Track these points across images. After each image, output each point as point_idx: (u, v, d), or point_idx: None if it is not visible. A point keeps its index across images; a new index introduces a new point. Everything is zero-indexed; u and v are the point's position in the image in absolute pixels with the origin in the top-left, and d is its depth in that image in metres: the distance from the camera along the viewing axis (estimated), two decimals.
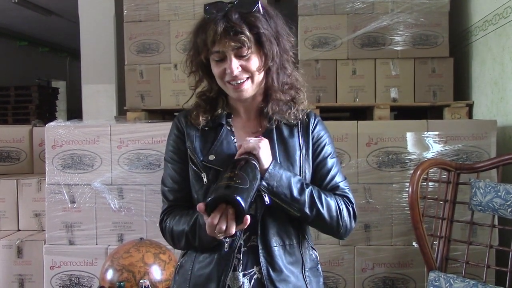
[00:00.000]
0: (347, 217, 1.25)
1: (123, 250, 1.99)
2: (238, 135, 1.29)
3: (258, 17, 1.18)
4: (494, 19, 2.57)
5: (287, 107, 1.27)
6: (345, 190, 1.29)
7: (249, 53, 1.18)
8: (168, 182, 1.31)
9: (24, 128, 3.28)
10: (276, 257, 1.22)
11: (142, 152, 2.49)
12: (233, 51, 1.17)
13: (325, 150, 1.30)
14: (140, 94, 3.03)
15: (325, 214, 1.21)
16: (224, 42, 1.16)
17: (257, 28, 1.17)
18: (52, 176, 2.52)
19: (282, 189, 1.17)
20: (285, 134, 1.27)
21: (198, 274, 1.24)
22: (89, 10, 4.15)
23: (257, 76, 1.21)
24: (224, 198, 1.04)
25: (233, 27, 1.15)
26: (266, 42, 1.18)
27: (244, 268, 1.22)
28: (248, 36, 1.16)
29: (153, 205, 2.48)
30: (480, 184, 1.92)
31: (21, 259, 2.68)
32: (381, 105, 2.81)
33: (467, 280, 1.85)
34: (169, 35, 2.99)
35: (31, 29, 8.22)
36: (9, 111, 6.84)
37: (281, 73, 1.25)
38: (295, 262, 1.25)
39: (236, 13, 1.17)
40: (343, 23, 2.87)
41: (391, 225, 2.41)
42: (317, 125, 1.32)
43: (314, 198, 1.20)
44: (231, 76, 1.19)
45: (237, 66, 1.18)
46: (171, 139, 1.34)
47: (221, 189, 1.05)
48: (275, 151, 1.24)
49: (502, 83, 2.51)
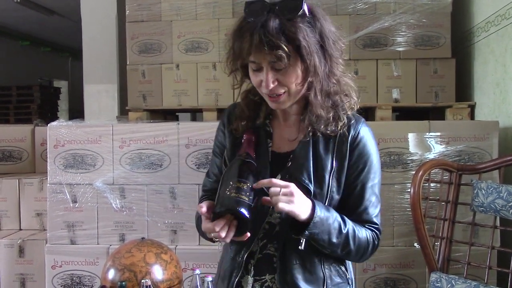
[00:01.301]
0: (370, 251, 1.23)
1: (124, 250, 1.99)
2: (275, 138, 1.26)
3: (299, 26, 1.08)
4: (497, 20, 2.57)
5: (327, 113, 1.18)
6: (377, 225, 1.24)
7: (286, 67, 1.10)
8: (210, 173, 1.37)
9: (26, 127, 3.28)
10: (292, 274, 1.18)
11: (144, 152, 2.49)
12: (269, 64, 1.10)
13: (364, 175, 1.21)
14: (142, 94, 3.03)
15: (353, 252, 1.19)
16: (260, 55, 1.09)
17: (297, 40, 1.07)
18: (54, 175, 2.52)
19: (322, 235, 1.13)
20: (320, 148, 1.19)
21: (224, 269, 1.29)
22: (91, 10, 4.15)
23: (294, 89, 1.14)
24: (234, 213, 1.07)
25: (270, 41, 1.06)
26: (307, 55, 1.09)
27: (256, 274, 1.21)
28: (286, 50, 1.06)
29: (155, 205, 2.48)
30: (482, 185, 1.91)
31: (23, 258, 2.68)
32: (383, 106, 2.81)
33: (468, 281, 1.85)
34: (171, 35, 2.99)
35: (33, 29, 8.23)
36: (11, 111, 6.84)
37: (325, 82, 1.17)
38: (315, 281, 1.20)
39: (275, 20, 1.07)
40: (345, 24, 2.86)
41: (393, 226, 2.41)
42: (360, 142, 1.21)
43: (349, 239, 1.16)
44: (267, 89, 1.13)
45: (273, 79, 1.11)
46: (217, 132, 1.35)
47: (232, 202, 1.06)
48: (309, 168, 1.18)
49: (504, 84, 2.51)
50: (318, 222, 1.10)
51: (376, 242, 1.23)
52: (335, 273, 1.24)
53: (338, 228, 1.14)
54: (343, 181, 1.20)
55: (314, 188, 1.17)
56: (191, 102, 2.99)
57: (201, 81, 2.98)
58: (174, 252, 2.16)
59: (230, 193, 1.07)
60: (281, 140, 1.25)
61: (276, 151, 1.24)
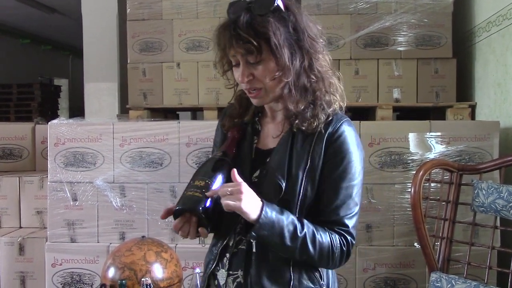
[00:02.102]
0: (338, 258, 1.15)
1: (124, 248, 1.99)
2: (262, 135, 1.27)
3: (270, 21, 1.10)
4: (498, 20, 2.57)
5: (306, 112, 1.17)
6: (347, 228, 1.16)
7: (258, 60, 1.12)
8: None
9: (26, 125, 3.28)
10: (257, 269, 1.17)
11: (144, 150, 2.49)
12: (242, 57, 1.13)
13: (339, 173, 1.16)
14: (142, 92, 3.03)
15: (315, 257, 1.13)
16: (233, 49, 1.13)
17: (266, 34, 1.10)
18: (54, 173, 2.52)
19: (273, 237, 1.09)
20: (298, 145, 1.17)
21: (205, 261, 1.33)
22: (92, 8, 4.15)
23: (269, 85, 1.15)
24: (188, 211, 1.12)
25: (237, 34, 1.10)
26: (277, 49, 1.10)
27: (229, 268, 1.22)
28: (254, 43, 1.09)
29: (155, 204, 2.48)
30: (483, 185, 1.91)
31: (23, 256, 2.69)
32: (383, 106, 2.81)
33: (468, 281, 1.85)
34: (172, 33, 2.98)
35: (34, 27, 8.23)
36: (11, 109, 6.84)
37: (303, 76, 1.16)
38: (279, 280, 1.17)
39: (247, 16, 1.11)
40: (346, 23, 2.86)
41: (393, 226, 2.41)
42: (337, 139, 1.16)
43: (307, 244, 1.11)
44: (242, 83, 1.17)
45: (248, 73, 1.14)
46: (216, 132, 1.39)
47: (185, 200, 1.11)
48: (284, 163, 1.16)
49: (505, 84, 2.51)
50: (266, 223, 1.07)
51: (345, 248, 1.15)
52: (305, 277, 1.18)
53: (292, 231, 1.09)
54: (317, 179, 1.16)
55: (286, 185, 1.15)
56: (192, 100, 3.00)
57: (202, 80, 2.98)
58: (174, 250, 2.16)
59: (186, 191, 1.12)
60: (267, 137, 1.26)
61: (261, 148, 1.25)
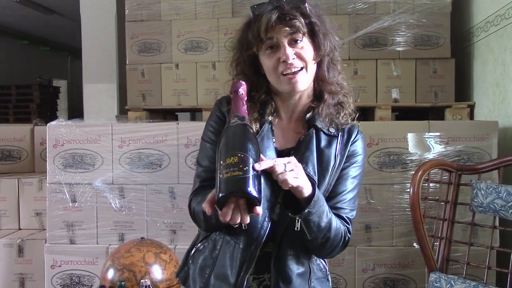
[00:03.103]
0: (340, 246, 1.22)
1: (124, 250, 1.99)
2: (278, 135, 1.26)
3: (310, 9, 1.19)
4: (496, 20, 2.57)
5: (335, 111, 1.24)
6: (349, 218, 1.24)
7: (303, 40, 1.17)
8: (203, 161, 1.26)
9: (25, 127, 3.28)
10: (287, 267, 1.20)
11: (143, 151, 2.49)
12: (287, 38, 1.16)
13: (351, 170, 1.26)
14: (141, 93, 3.03)
15: (330, 241, 1.18)
16: (279, 28, 1.15)
17: (310, 17, 1.17)
18: (53, 175, 2.52)
19: (315, 216, 1.11)
20: (322, 143, 1.22)
21: (221, 264, 1.21)
22: (90, 9, 4.15)
23: (311, 67, 1.19)
24: (235, 194, 0.98)
25: (287, 15, 1.14)
26: (320, 32, 1.18)
27: (254, 272, 1.21)
28: (302, 22, 1.15)
29: (154, 205, 2.48)
30: (481, 185, 1.91)
31: (22, 258, 2.68)
32: (382, 106, 2.81)
33: (468, 281, 1.85)
34: (171, 34, 2.99)
35: (33, 28, 8.23)
36: (10, 110, 6.85)
37: (331, 70, 1.24)
38: (303, 273, 1.23)
39: (288, 4, 1.17)
40: (345, 24, 2.86)
41: (392, 226, 2.41)
42: (357, 141, 1.28)
43: (331, 226, 1.16)
44: (286, 64, 1.16)
45: (292, 52, 1.16)
46: (211, 120, 1.28)
47: (227, 185, 0.98)
48: (314, 160, 1.19)
49: (503, 84, 2.51)
50: (317, 200, 1.10)
51: (347, 238, 1.22)
52: (317, 267, 1.27)
53: (326, 211, 1.14)
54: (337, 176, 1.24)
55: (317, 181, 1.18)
56: (191, 101, 2.99)
57: (201, 81, 2.98)
58: (174, 252, 2.16)
59: (223, 175, 0.99)
60: (283, 137, 1.26)
61: (278, 148, 1.24)
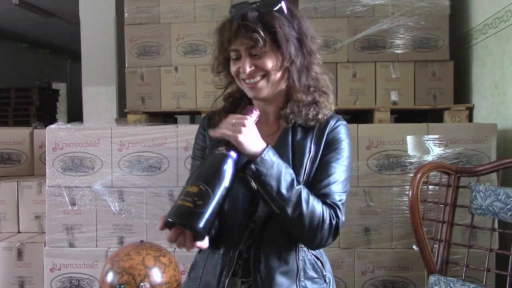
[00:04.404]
0: (326, 230, 1.14)
1: (123, 253, 1.99)
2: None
3: (277, 16, 1.17)
4: (494, 23, 2.58)
5: (307, 108, 1.23)
6: (336, 202, 1.17)
7: (262, 52, 1.17)
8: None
9: (24, 130, 3.28)
10: (267, 266, 1.18)
11: (142, 154, 2.49)
12: (246, 50, 1.17)
13: (332, 154, 1.21)
14: (140, 96, 3.03)
15: (306, 219, 1.11)
16: (240, 40, 1.17)
17: (273, 27, 1.16)
18: (53, 178, 2.52)
19: (270, 179, 1.08)
20: (298, 136, 1.22)
21: (206, 272, 1.24)
22: (90, 12, 4.16)
23: (272, 76, 1.20)
24: (176, 223, 1.00)
25: (246, 25, 1.15)
26: (283, 41, 1.16)
27: (243, 275, 1.21)
28: (262, 35, 1.15)
29: (154, 208, 2.48)
30: (480, 188, 1.92)
31: (21, 261, 2.68)
32: (381, 108, 2.82)
33: (467, 284, 1.85)
34: (170, 37, 2.99)
35: (32, 31, 8.24)
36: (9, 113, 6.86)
37: (304, 75, 1.23)
38: (288, 272, 1.19)
39: (254, 12, 1.17)
40: (344, 26, 2.87)
41: (391, 228, 2.41)
42: (335, 128, 1.24)
43: (301, 200, 1.10)
44: (244, 74, 1.19)
45: (250, 64, 1.18)
46: (197, 138, 1.35)
47: (177, 211, 0.99)
48: (288, 153, 1.20)
49: (502, 86, 2.51)
50: (267, 161, 1.08)
51: (333, 222, 1.15)
52: (309, 267, 1.22)
53: (290, 181, 1.10)
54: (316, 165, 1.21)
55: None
56: (190, 104, 3.00)
57: (200, 84, 2.99)
58: (173, 255, 2.15)
59: (178, 200, 1.00)
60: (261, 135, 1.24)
61: None
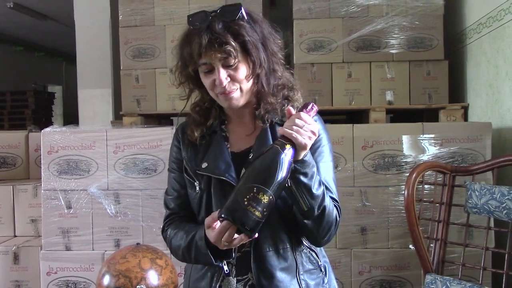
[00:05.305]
0: (335, 226, 1.19)
1: (119, 256, 1.99)
2: (232, 139, 1.29)
3: (242, 24, 1.17)
4: (488, 22, 2.58)
5: (280, 105, 1.25)
6: (336, 199, 1.23)
7: (236, 63, 1.16)
8: (169, 191, 1.35)
9: (20, 133, 3.26)
10: (267, 263, 1.19)
11: (138, 157, 2.49)
12: (220, 62, 1.16)
13: (316, 154, 1.22)
14: (136, 98, 3.03)
15: (326, 217, 1.15)
16: (210, 54, 1.15)
17: (242, 36, 1.15)
18: (48, 181, 2.51)
19: (310, 178, 1.11)
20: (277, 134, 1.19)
21: (194, 279, 1.27)
22: (84, 15, 4.15)
23: (245, 85, 1.20)
24: (241, 228, 1.02)
25: (217, 38, 1.13)
26: (253, 49, 1.17)
27: (238, 274, 1.21)
28: (234, 45, 1.14)
29: (150, 210, 2.48)
30: (476, 187, 1.92)
31: (18, 265, 2.67)
32: (376, 108, 2.82)
33: (463, 282, 1.86)
34: (165, 39, 2.99)
35: (27, 34, 8.21)
36: (5, 117, 6.83)
37: (271, 76, 1.24)
38: (288, 267, 1.21)
39: (219, 22, 1.15)
40: (338, 27, 2.87)
41: (388, 228, 2.41)
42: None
43: (325, 196, 1.14)
44: (221, 87, 1.18)
45: (226, 76, 1.17)
46: (172, 149, 1.36)
47: (248, 219, 1.01)
48: None
49: (496, 85, 2.52)
50: (309, 161, 1.11)
51: (339, 219, 1.21)
52: (306, 260, 1.25)
53: (319, 180, 1.14)
54: None
55: None
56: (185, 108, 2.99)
57: None
58: (169, 257, 2.15)
59: (246, 202, 1.01)
60: (238, 140, 1.28)
61: (235, 151, 1.27)
